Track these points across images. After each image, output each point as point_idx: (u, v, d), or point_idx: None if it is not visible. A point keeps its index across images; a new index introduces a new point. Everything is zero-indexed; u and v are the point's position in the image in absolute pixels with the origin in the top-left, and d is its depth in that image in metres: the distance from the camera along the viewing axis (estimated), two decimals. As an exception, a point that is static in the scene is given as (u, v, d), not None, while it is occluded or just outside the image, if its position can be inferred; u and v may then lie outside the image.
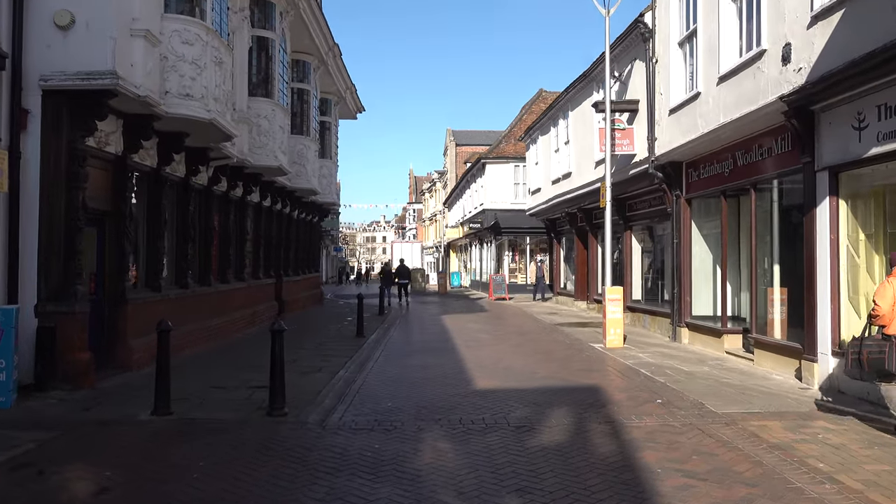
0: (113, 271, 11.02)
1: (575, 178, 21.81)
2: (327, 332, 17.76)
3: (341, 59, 24.37)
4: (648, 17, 14.98)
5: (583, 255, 23.86)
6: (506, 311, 25.14)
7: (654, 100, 14.93)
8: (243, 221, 18.21)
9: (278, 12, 17.22)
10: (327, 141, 26.64)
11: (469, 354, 13.36)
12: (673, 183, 14.68)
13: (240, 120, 15.53)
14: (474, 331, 18.06)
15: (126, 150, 11.09)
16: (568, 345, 14.78)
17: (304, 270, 26.78)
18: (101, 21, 9.38)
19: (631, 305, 18.48)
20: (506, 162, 37.22)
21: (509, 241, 37.54)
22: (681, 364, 11.66)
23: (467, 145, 56.67)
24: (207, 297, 14.97)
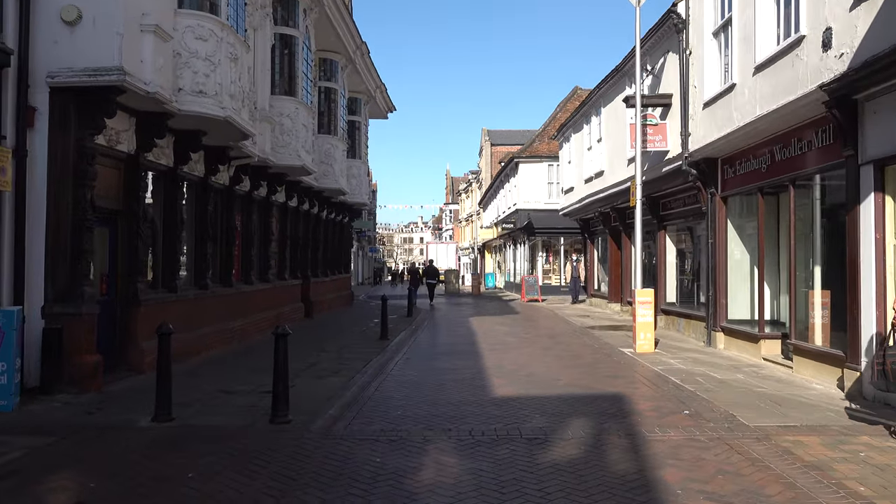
0: (125, 272, 10.83)
1: (608, 177, 21.15)
2: (352, 334, 17.45)
3: (369, 57, 24.10)
4: (682, 7, 14.32)
5: (616, 255, 23.17)
6: (537, 314, 24.57)
7: (687, 93, 14.26)
8: (268, 221, 18.01)
9: (302, 9, 16.97)
10: (357, 140, 26.42)
11: (492, 359, 12.89)
12: (708, 180, 13.99)
13: (261, 119, 15.32)
14: (502, 334, 17.56)
15: (139, 148, 10.90)
16: (596, 349, 14.20)
17: (333, 271, 26.58)
18: (108, 16, 9.17)
19: (665, 308, 17.80)
20: (539, 161, 36.58)
21: (543, 241, 36.87)
22: (713, 371, 11.02)
23: (502, 145, 56.04)
24: (228, 298, 14.76)
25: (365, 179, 27.19)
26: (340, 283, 27.83)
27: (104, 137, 9.96)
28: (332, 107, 22.02)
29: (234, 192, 15.33)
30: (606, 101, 21.22)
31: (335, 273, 26.98)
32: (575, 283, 30.10)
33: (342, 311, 25.67)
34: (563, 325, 19.65)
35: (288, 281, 19.87)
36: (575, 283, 30.05)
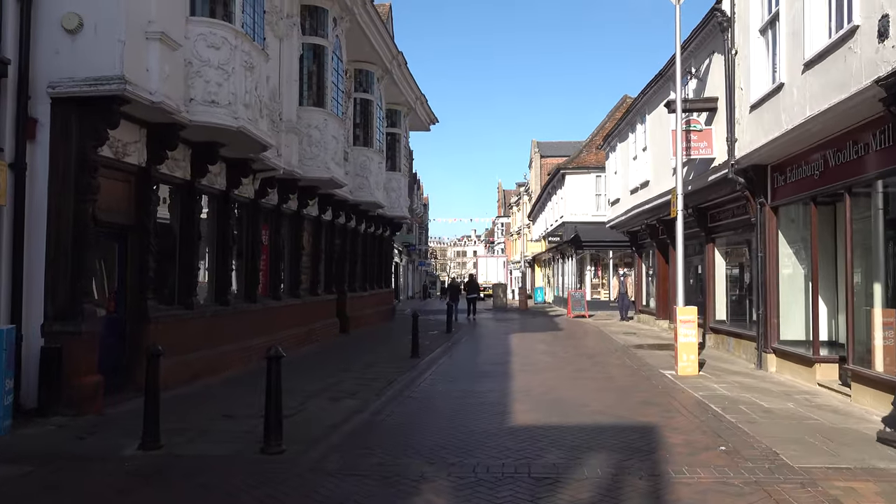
0: (135, 288, 10.48)
1: (653, 187, 20.14)
2: (383, 351, 16.87)
3: (407, 68, 23.66)
4: (726, 4, 13.36)
5: (664, 270, 22.05)
6: (580, 330, 23.58)
7: (733, 96, 13.28)
8: (298, 235, 17.64)
9: (331, 18, 16.61)
10: (397, 153, 26.02)
11: (521, 381, 12.12)
12: (756, 189, 12.96)
13: (287, 130, 14.97)
14: (538, 352, 16.73)
15: (150, 160, 10.56)
16: (634, 371, 13.26)
17: (372, 285, 26.14)
18: (110, 24, 8.84)
19: (714, 326, 16.69)
20: (586, 172, 35.53)
21: (591, 255, 35.74)
22: (761, 398, 10.00)
23: (552, 157, 54.98)
24: (251, 314, 14.36)
25: (405, 192, 26.72)
26: (381, 298, 27.35)
27: (110, 149, 9.64)
28: (368, 118, 21.63)
29: (260, 205, 14.97)
30: (651, 108, 20.25)
31: (375, 287, 26.52)
32: (623, 298, 28.74)
33: (381, 326, 25.16)
34: (604, 344, 18.68)
35: (321, 296, 19.44)
36: (623, 299, 28.70)
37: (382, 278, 28.32)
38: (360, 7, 17.61)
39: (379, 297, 26.96)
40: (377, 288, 26.93)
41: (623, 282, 29.89)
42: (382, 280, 28.29)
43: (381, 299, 27.49)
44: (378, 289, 27.12)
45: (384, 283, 28.49)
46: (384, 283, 28.52)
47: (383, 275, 28.42)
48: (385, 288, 28.64)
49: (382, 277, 28.32)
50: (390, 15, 26.79)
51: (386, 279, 29.12)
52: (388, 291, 29.44)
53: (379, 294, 27.10)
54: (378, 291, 26.99)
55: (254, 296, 14.61)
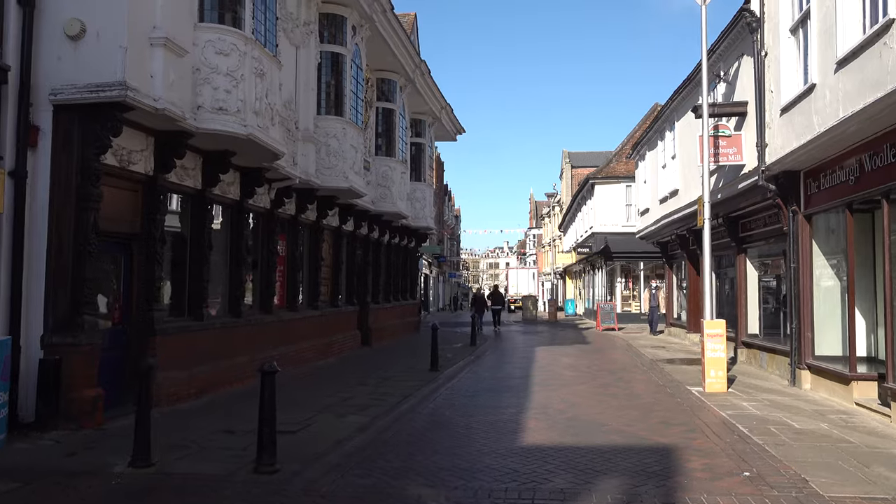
0: (141, 299, 10.26)
1: (682, 196, 19.51)
2: (403, 364, 16.51)
3: (430, 77, 23.38)
4: (755, 4, 12.81)
5: (695, 281, 21.33)
6: (608, 344, 22.94)
7: (763, 99, 12.69)
8: (317, 246, 17.38)
9: (350, 26, 16.39)
10: (421, 163, 25.72)
11: (540, 396, 11.64)
12: (788, 196, 12.34)
13: (304, 139, 14.75)
14: (562, 366, 16.20)
15: (157, 169, 10.37)
16: (660, 387, 12.67)
17: (396, 297, 25.82)
18: (112, 30, 8.70)
19: (747, 341, 15.99)
20: (616, 182, 34.87)
21: (622, 266, 34.98)
22: (792, 418, 9.38)
23: (583, 167, 54.26)
24: (266, 326, 14.10)
25: (430, 202, 26.39)
26: (405, 310, 27.01)
27: (115, 157, 9.45)
28: (391, 128, 21.38)
29: (276, 215, 14.74)
30: (679, 115, 19.65)
31: (399, 299, 26.19)
32: (653, 311, 27.64)
33: (406, 338, 24.78)
34: (631, 358, 18.05)
35: (341, 308, 19.16)
36: (653, 312, 27.59)
37: (407, 290, 27.99)
38: (381, 15, 17.37)
39: (403, 309, 26.62)
40: (401, 299, 26.59)
41: (654, 294, 29.04)
42: (407, 291, 27.95)
43: (406, 311, 27.14)
44: (403, 300, 26.78)
45: (409, 295, 28.15)
46: (409, 294, 28.18)
47: (408, 286, 28.07)
48: (410, 300, 28.29)
49: (407, 289, 27.98)
50: (415, 25, 26.58)
51: (411, 291, 28.78)
52: (413, 303, 29.07)
53: (403, 306, 26.76)
54: (402, 303, 26.65)
55: (269, 307, 14.35)
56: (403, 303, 26.84)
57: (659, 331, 26.52)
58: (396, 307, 25.41)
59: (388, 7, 17.49)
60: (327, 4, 15.73)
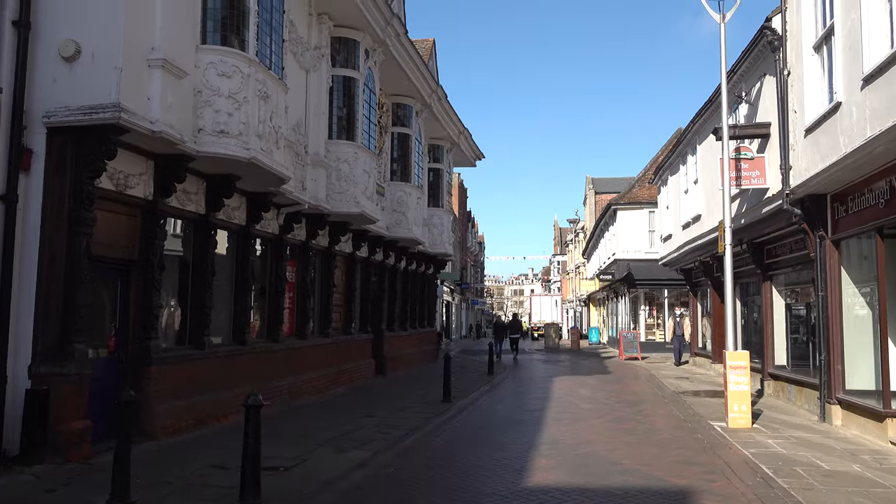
0: (137, 327, 9.95)
1: (705, 221, 18.92)
2: (416, 394, 16.04)
3: (447, 102, 23.16)
4: (777, 22, 12.36)
5: (720, 310, 20.56)
6: (629, 374, 22.23)
7: (787, 120, 12.17)
8: (329, 272, 17.05)
9: (363, 50, 16.20)
10: (439, 188, 25.42)
11: (552, 431, 11.09)
12: (815, 221, 11.75)
13: (314, 164, 14.52)
14: (579, 398, 15.59)
15: (157, 193, 10.12)
16: (681, 421, 12.05)
17: (413, 325, 25.39)
18: (108, 51, 8.50)
19: (774, 372, 15.27)
20: (639, 208, 34.23)
21: (645, 294, 34.20)
22: (822, 458, 8.73)
23: (607, 193, 53.63)
24: (273, 354, 13.74)
25: (448, 228, 26.02)
26: (422, 338, 26.54)
27: (111, 181, 9.22)
28: (407, 153, 21.13)
29: (285, 240, 14.45)
30: (701, 138, 19.14)
31: (416, 327, 25.76)
32: (679, 341, 26.28)
33: (422, 367, 24.26)
34: (652, 390, 17.37)
35: (354, 336, 18.77)
36: (679, 342, 26.25)
37: (425, 317, 27.55)
38: (394, 39, 17.19)
39: (420, 337, 26.15)
40: (418, 327, 26.15)
41: (679, 323, 27.81)
42: (425, 319, 27.51)
43: (423, 339, 26.66)
44: (420, 328, 26.34)
45: (427, 322, 27.69)
46: (426, 322, 27.72)
47: (425, 313, 27.63)
48: (427, 327, 27.82)
49: (425, 316, 27.55)
50: (433, 50, 26.47)
51: (429, 318, 28.33)
52: (431, 331, 28.59)
53: (421, 334, 26.30)
54: (420, 331, 26.20)
55: (276, 335, 14.00)
56: (420, 330, 26.39)
57: (684, 361, 25.59)
58: (413, 335, 24.97)
59: (402, 31, 17.32)
60: (339, 28, 15.57)
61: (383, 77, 18.61)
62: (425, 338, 27.12)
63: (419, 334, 25.96)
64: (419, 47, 25.04)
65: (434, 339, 29.00)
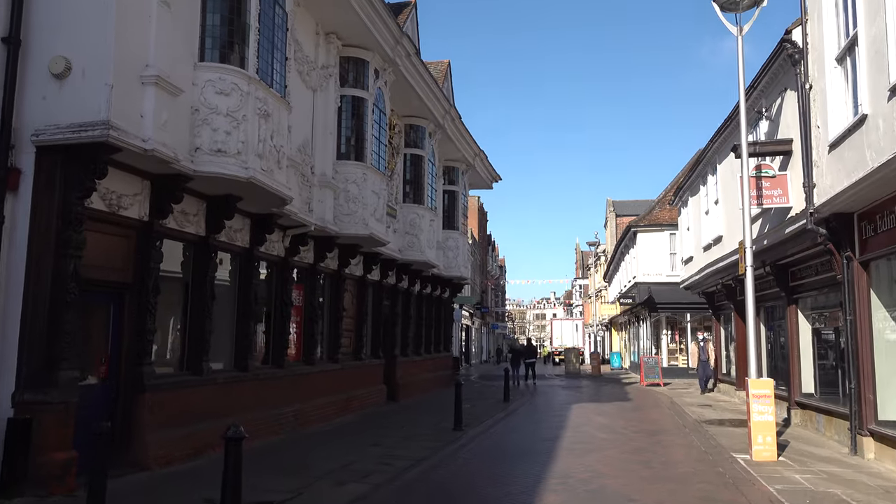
0: (131, 353, 9.59)
1: (726, 243, 18.30)
2: (426, 422, 15.50)
3: (461, 123, 22.87)
4: (797, 34, 11.88)
5: (743, 334, 19.82)
6: (650, 401, 21.48)
7: (809, 135, 11.63)
8: (338, 296, 16.67)
9: (372, 70, 15.95)
10: (454, 211, 25.04)
11: (564, 463, 10.51)
12: (841, 241, 11.15)
13: (321, 185, 14.23)
14: (596, 427, 14.96)
15: (153, 214, 9.83)
16: (701, 454, 11.39)
17: (428, 349, 24.88)
18: (98, 67, 8.26)
19: (801, 401, 14.54)
20: (659, 230, 33.54)
21: (667, 318, 33.37)
22: (853, 496, 8.08)
23: (628, 215, 52.97)
24: (278, 380, 13.33)
25: (463, 251, 25.58)
26: (438, 363, 26.01)
27: (103, 202, 8.93)
28: (419, 174, 20.80)
29: (291, 263, 14.11)
30: (721, 157, 18.58)
31: (431, 352, 25.25)
32: (703, 367, 24.51)
33: (437, 393, 23.65)
34: (673, 418, 16.67)
35: (365, 361, 18.32)
36: (703, 368, 24.50)
37: (441, 342, 27.03)
38: (405, 59, 16.93)
39: (435, 362, 25.62)
40: (433, 352, 25.63)
41: (703, 348, 26.26)
42: (441, 344, 26.99)
43: (438, 364, 26.12)
44: (435, 353, 25.82)
45: (442, 347, 27.16)
46: (442, 346, 27.19)
47: (441, 338, 27.12)
48: (443, 352, 27.29)
49: (441, 341, 27.03)
50: (448, 72, 26.25)
51: (445, 343, 27.80)
52: (447, 356, 28.04)
53: (436, 359, 25.77)
54: (435, 356, 25.68)
55: (281, 360, 13.60)
56: (436, 355, 25.88)
57: (709, 388, 24.34)
58: (427, 360, 24.45)
59: (412, 51, 17.07)
60: (348, 48, 15.35)
61: (395, 97, 18.36)
62: (440, 363, 26.58)
63: (434, 359, 25.43)
64: (434, 69, 24.90)
65: (450, 364, 28.44)
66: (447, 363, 27.93)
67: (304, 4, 13.54)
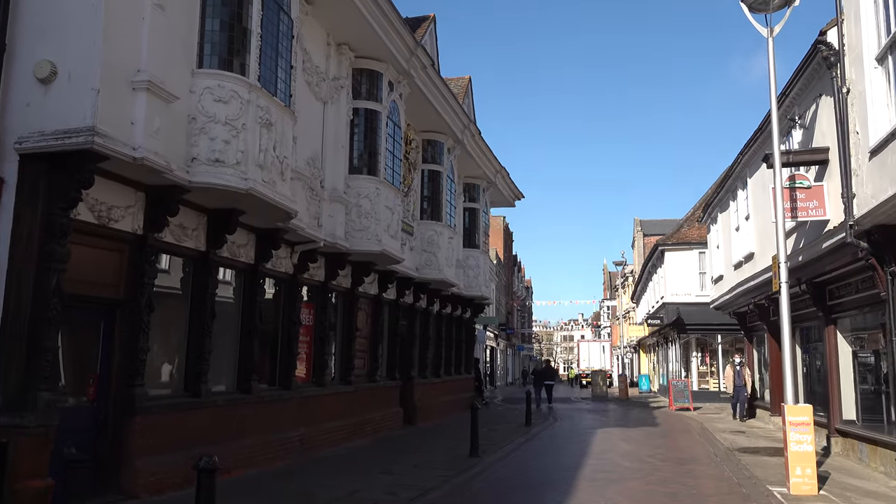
0: (122, 373, 9.07)
1: (759, 260, 17.43)
2: (442, 447, 14.80)
3: (481, 139, 22.34)
4: (832, 35, 11.15)
5: (777, 357, 18.84)
6: (678, 427, 20.49)
7: (847, 142, 10.86)
8: (351, 315, 16.10)
9: (386, 82, 15.49)
10: (475, 229, 24.45)
11: (584, 495, 9.75)
12: (885, 255, 10.33)
13: (331, 199, 13.76)
14: (620, 454, 14.12)
15: (147, 227, 9.36)
16: (734, 486, 10.53)
17: (448, 371, 24.14)
18: (84, 71, 7.84)
19: (841, 428, 13.58)
20: (688, 248, 32.52)
21: (697, 339, 32.25)
22: (907, 538, 7.23)
23: (655, 235, 51.89)
24: (284, 403, 12.75)
25: (485, 270, 24.93)
26: (458, 385, 25.25)
27: (92, 213, 8.47)
28: (438, 191, 20.26)
29: (300, 280, 13.57)
30: (752, 170, 17.76)
31: (451, 373, 24.51)
32: (739, 392, 22.48)
33: (457, 417, 22.82)
34: (704, 446, 15.72)
35: (380, 383, 17.68)
36: (739, 393, 22.48)
37: (462, 363, 26.29)
38: (420, 71, 16.47)
39: (456, 384, 24.87)
40: (454, 374, 24.89)
41: (738, 371, 24.20)
42: (462, 365, 26.25)
43: (459, 386, 25.35)
44: (455, 375, 25.08)
45: (463, 369, 26.41)
46: (463, 368, 26.45)
47: (462, 359, 26.38)
48: (464, 374, 26.53)
49: (462, 362, 26.29)
50: (469, 88, 25.79)
51: (466, 364, 27.06)
52: (468, 378, 27.26)
53: (457, 381, 25.03)
54: (455, 377, 24.94)
55: (288, 382, 13.01)
56: (456, 377, 25.14)
57: (746, 416, 22.40)
58: (447, 382, 23.72)
59: (428, 63, 16.60)
60: (361, 59, 14.92)
61: (411, 112, 17.91)
62: (462, 385, 25.83)
63: (454, 381, 24.69)
64: (454, 85, 24.45)
65: (471, 386, 27.63)
66: (468, 385, 27.15)
67: (313, 14, 13.14)
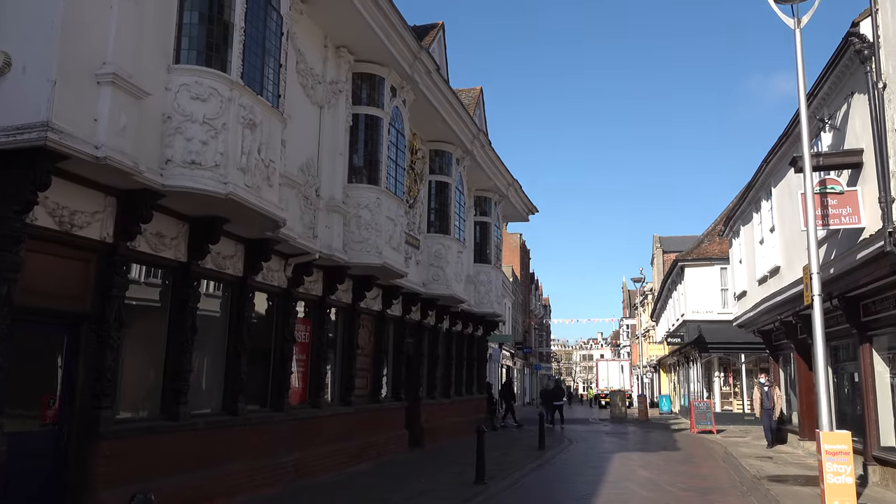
0: (86, 394, 8.29)
1: (785, 274, 16.40)
2: (448, 473, 13.91)
3: (492, 149, 21.55)
4: (866, 27, 10.25)
5: (807, 378, 17.76)
6: (701, 451, 19.36)
7: (884, 143, 9.91)
8: (352, 332, 15.27)
9: (388, 87, 14.77)
10: (487, 243, 23.61)
11: (596, 530, 8.79)
12: (928, 265, 9.34)
13: (328, 209, 13.04)
14: (638, 482, 13.10)
15: (118, 235, 8.62)
16: (763, 521, 9.52)
17: (458, 391, 23.20)
18: (41, 62, 7.15)
19: (880, 456, 12.47)
20: (709, 264, 31.38)
21: (719, 358, 31.02)
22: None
23: (674, 252, 50.73)
24: (276, 426, 11.92)
25: (496, 286, 24.03)
26: (469, 406, 24.27)
27: (52, 219, 7.76)
28: (446, 203, 19.46)
29: (295, 295, 12.78)
30: (777, 179, 16.78)
31: (462, 393, 23.56)
32: (768, 415, 20.62)
33: (467, 439, 21.77)
34: (728, 473, 14.63)
35: (384, 403, 16.82)
36: (768, 416, 20.62)
37: (473, 383, 25.32)
38: (424, 76, 15.73)
39: (467, 405, 23.89)
40: (465, 394, 23.93)
41: (767, 393, 21.97)
42: (473, 385, 25.28)
43: (470, 407, 24.37)
44: (467, 395, 24.12)
45: (474, 389, 25.44)
46: (475, 388, 25.47)
47: (473, 379, 25.41)
48: (476, 394, 25.55)
49: (473, 382, 25.32)
50: (480, 99, 25.06)
51: (478, 384, 26.08)
52: (480, 398, 26.27)
53: (468, 401, 24.07)
54: (466, 398, 23.98)
55: (281, 403, 12.18)
56: (468, 397, 24.18)
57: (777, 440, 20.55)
58: (457, 403, 22.77)
59: (433, 67, 15.86)
60: (361, 63, 14.22)
61: (417, 120, 17.19)
62: (473, 405, 24.84)
63: (465, 402, 23.73)
64: (465, 96, 23.76)
65: (482, 407, 26.60)
66: (480, 406, 26.14)
67: (308, 14, 12.47)
